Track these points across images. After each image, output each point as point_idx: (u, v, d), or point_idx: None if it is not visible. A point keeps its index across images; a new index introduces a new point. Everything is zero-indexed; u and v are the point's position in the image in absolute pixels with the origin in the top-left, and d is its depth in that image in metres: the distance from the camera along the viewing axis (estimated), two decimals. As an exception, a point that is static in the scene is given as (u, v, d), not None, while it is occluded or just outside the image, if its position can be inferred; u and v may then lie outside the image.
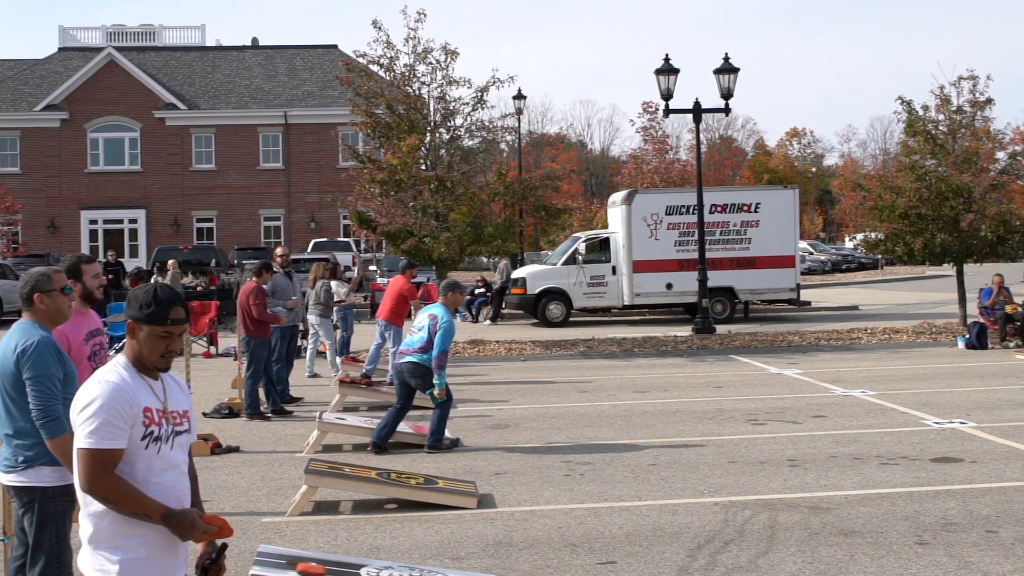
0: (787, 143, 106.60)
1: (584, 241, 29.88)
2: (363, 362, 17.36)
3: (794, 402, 14.71)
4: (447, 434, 11.80)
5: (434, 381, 11.33)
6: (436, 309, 11.71)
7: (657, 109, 44.83)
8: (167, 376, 4.24)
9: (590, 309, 30.33)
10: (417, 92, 23.01)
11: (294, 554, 6.21)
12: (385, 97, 22.81)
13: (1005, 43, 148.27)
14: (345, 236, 46.57)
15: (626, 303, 29.25)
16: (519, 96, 37.36)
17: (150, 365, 4.13)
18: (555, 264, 29.79)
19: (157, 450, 4.07)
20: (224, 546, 4.16)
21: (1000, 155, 24.50)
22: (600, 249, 29.61)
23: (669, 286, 28.80)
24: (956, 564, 7.16)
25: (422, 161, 23.12)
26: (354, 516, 8.89)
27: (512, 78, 23.54)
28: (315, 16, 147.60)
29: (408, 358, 11.54)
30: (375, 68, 23.48)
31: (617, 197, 30.61)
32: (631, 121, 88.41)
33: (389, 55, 23.01)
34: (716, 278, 27.74)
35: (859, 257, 60.47)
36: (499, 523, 8.49)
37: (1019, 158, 24.86)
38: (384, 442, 11.46)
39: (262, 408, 14.17)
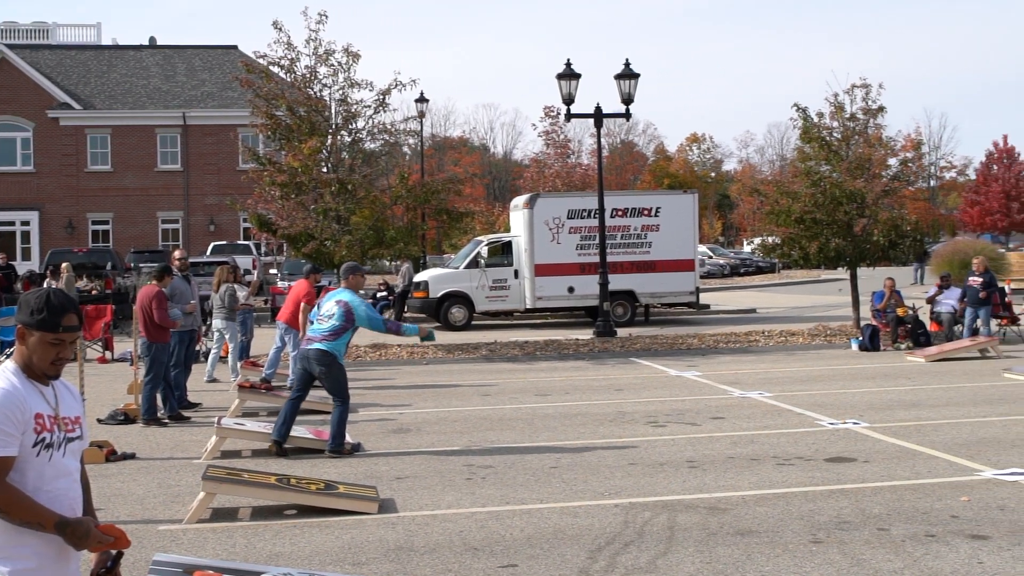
0: (687, 148, 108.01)
1: (486, 245, 29.91)
2: (263, 366, 17.16)
3: (693, 404, 14.90)
4: (348, 438, 11.72)
5: (407, 333, 11.74)
6: (342, 294, 11.66)
7: (559, 114, 45.06)
8: (58, 382, 4.14)
9: (492, 313, 30.37)
10: (318, 94, 22.85)
11: (191, 562, 6.11)
12: (286, 99, 22.60)
13: (897, 51, 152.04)
14: (245, 239, 45.98)
15: (528, 306, 29.34)
16: (421, 99, 37.30)
17: (40, 372, 4.03)
18: (457, 268, 29.78)
19: (49, 457, 3.97)
20: (119, 555, 4.08)
21: (892, 162, 25.14)
22: (502, 253, 29.67)
23: (571, 290, 28.97)
24: (849, 562, 7.31)
25: (323, 164, 22.97)
26: (253, 523, 8.78)
27: (414, 81, 23.51)
28: (214, 16, 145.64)
29: (317, 345, 11.46)
30: (276, 69, 23.26)
31: (519, 201, 30.69)
32: (533, 125, 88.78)
33: (290, 56, 22.82)
34: (617, 282, 27.98)
35: (757, 261, 61.46)
36: (400, 528, 8.45)
37: (909, 165, 25.53)
38: (284, 438, 11.36)
39: (159, 414, 13.92)
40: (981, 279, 21.39)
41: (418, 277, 30.22)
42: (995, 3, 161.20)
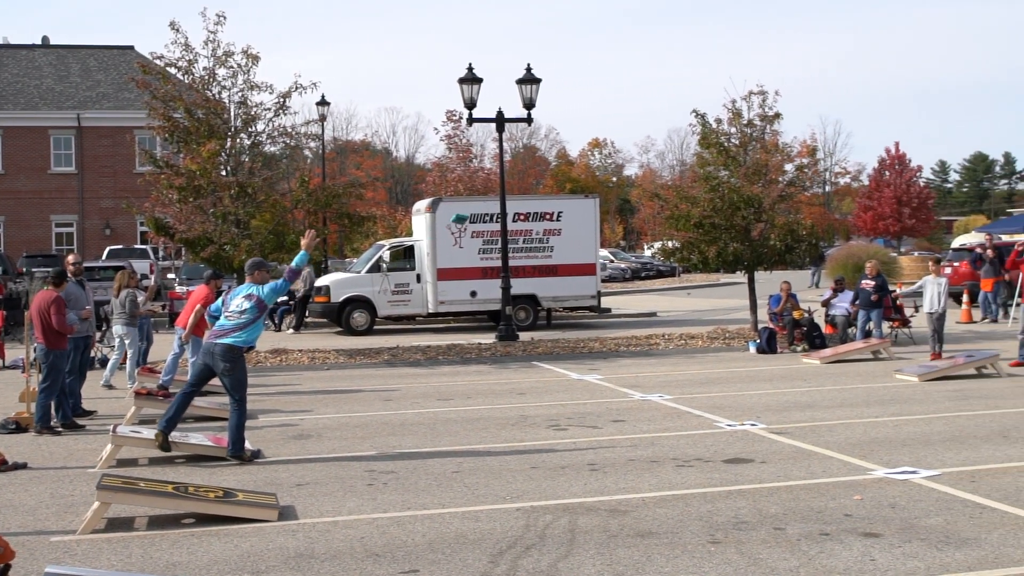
0: (589, 153, 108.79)
1: (388, 249, 29.81)
2: (160, 373, 16.88)
3: (594, 407, 15.01)
4: (248, 445, 11.59)
5: (300, 263, 11.82)
6: (250, 288, 11.61)
7: (461, 118, 45.11)
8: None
9: (395, 317, 30.26)
10: (217, 96, 22.51)
11: (84, 574, 5.99)
12: (183, 101, 22.22)
13: (793, 59, 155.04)
14: (142, 243, 45.15)
15: (431, 311, 29.31)
16: (323, 102, 37.00)
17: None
18: (359, 272, 29.61)
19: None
20: (7, 568, 3.98)
21: (788, 167, 25.58)
22: (404, 257, 29.60)
23: (473, 294, 29.00)
24: (746, 561, 7.43)
25: (222, 167, 22.63)
26: (149, 532, 8.62)
27: (315, 84, 23.27)
28: (110, 16, 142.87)
29: (224, 340, 11.33)
30: (173, 71, 22.86)
31: (421, 205, 30.65)
32: (436, 129, 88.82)
33: (188, 58, 22.43)
34: (519, 286, 28.09)
35: (657, 265, 62.10)
36: (300, 535, 8.38)
37: (805, 170, 26.03)
38: (171, 430, 11.19)
39: (52, 422, 13.60)
40: (873, 282, 21.89)
41: (320, 282, 30.00)
42: (888, 14, 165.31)
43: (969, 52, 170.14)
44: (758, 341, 22.31)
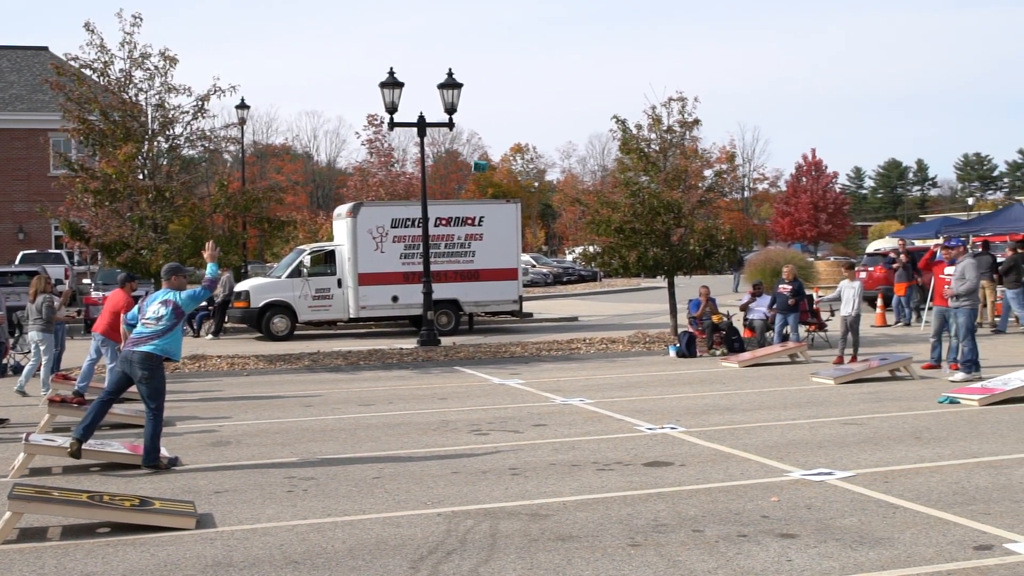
0: (511, 158, 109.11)
1: (309, 253, 29.64)
2: (75, 380, 16.58)
3: (516, 412, 15.03)
4: (165, 452, 11.42)
5: (212, 274, 11.75)
6: (168, 294, 11.46)
7: (382, 122, 44.96)
8: None
9: (316, 322, 30.09)
10: (134, 99, 22.18)
11: (-6, 585, 5.86)
12: (99, 103, 21.87)
13: (713, 66, 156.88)
14: (57, 248, 44.32)
15: (352, 316, 29.18)
16: (242, 106, 36.63)
17: None
18: (280, 277, 29.40)
19: None
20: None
21: (707, 173, 25.87)
22: (326, 262, 29.45)
23: (395, 299, 28.93)
24: (666, 563, 7.49)
25: (139, 170, 22.30)
26: (63, 542, 8.46)
27: (234, 87, 23.03)
28: (23, 16, 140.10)
29: (143, 347, 11.16)
30: (88, 72, 22.48)
31: (343, 210, 30.51)
32: (357, 134, 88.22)
33: (103, 59, 22.08)
34: (441, 291, 28.09)
35: (579, 270, 62.47)
36: (219, 543, 8.28)
37: (724, 176, 26.33)
38: (86, 438, 11.00)
39: (-38, 431, 13.30)
40: (790, 287, 22.20)
41: (239, 287, 29.72)
42: (805, 23, 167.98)
43: (883, 62, 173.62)
44: (678, 345, 22.51)
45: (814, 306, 24.01)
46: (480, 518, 8.85)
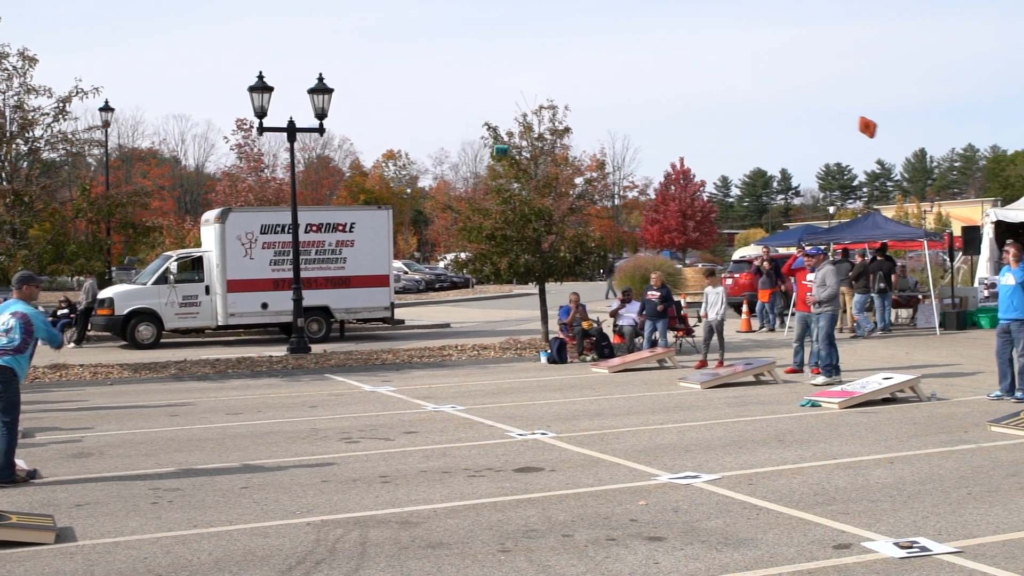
0: (383, 164, 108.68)
1: (176, 260, 29.06)
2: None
3: (387, 419, 14.96)
4: (22, 465, 11.07)
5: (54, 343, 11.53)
6: (17, 305, 11.10)
7: (252, 127, 44.34)
8: None
9: (183, 330, 29.51)
10: (-10, 100, 21.51)
11: None
12: (-47, 104, 21.15)
13: (584, 75, 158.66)
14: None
15: (220, 323, 28.72)
16: (106, 108, 35.75)
17: None
18: (145, 283, 28.76)
19: None
20: None
21: (578, 181, 26.13)
22: (193, 268, 28.92)
23: (265, 306, 28.56)
24: (536, 568, 7.53)
25: (-3, 174, 21.62)
26: (-87, 560, 8.14)
27: (97, 89, 22.45)
28: None
29: None
30: (-59, 72, 21.70)
31: (211, 215, 30.00)
32: (226, 138, 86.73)
33: (-43, 59, 21.36)
34: (312, 297, 27.83)
35: (451, 276, 62.43)
36: (79, 558, 8.05)
37: (594, 184, 26.64)
38: None
39: None
40: (659, 293, 22.54)
41: (103, 294, 28.98)
42: (671, 35, 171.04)
43: (750, 73, 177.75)
44: (549, 351, 22.68)
45: (682, 312, 24.41)
46: (350, 527, 8.78)
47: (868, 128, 19.78)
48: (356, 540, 8.37)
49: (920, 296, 29.24)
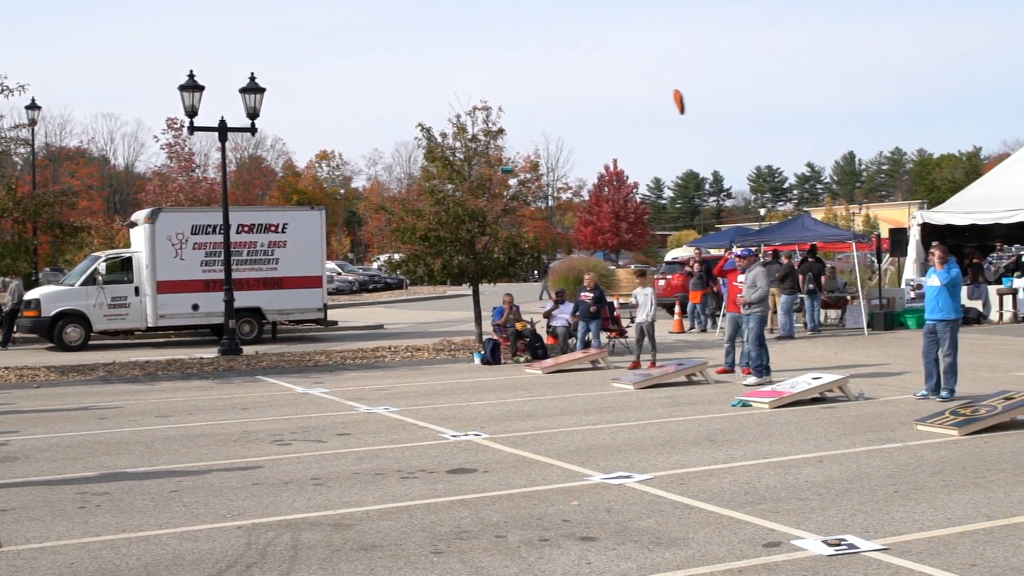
0: (317, 165, 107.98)
1: (105, 261, 28.66)
2: None
3: (320, 421, 14.87)
4: (-55, 470, 10.86)
5: None
6: None
7: (182, 126, 43.85)
8: None
9: (112, 332, 29.11)
10: (-89, 98, 21.06)
11: None
12: None
13: (517, 76, 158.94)
14: None
15: (150, 325, 28.39)
16: (33, 106, 35.17)
17: None
18: (73, 285, 28.32)
19: None
20: None
21: (512, 182, 26.17)
22: (122, 269, 28.56)
23: (196, 307, 28.27)
24: (468, 570, 7.52)
25: (-82, 173, 21.19)
26: None
27: (23, 86, 22.11)
28: None
29: None
30: None
31: (140, 215, 29.63)
32: (156, 137, 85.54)
33: None
34: (243, 299, 27.59)
35: (385, 277, 62.24)
36: (3, 564, 7.90)
37: (528, 185, 26.70)
38: None
39: None
40: (592, 294, 22.63)
41: (29, 295, 28.50)
42: (607, 37, 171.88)
43: (681, 76, 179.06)
44: (482, 352, 22.68)
45: (615, 313, 24.54)
46: (281, 530, 8.72)
47: (679, 103, 19.98)
48: (287, 543, 8.30)
49: (849, 297, 29.64)
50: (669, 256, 50.56)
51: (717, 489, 9.90)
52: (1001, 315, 29.01)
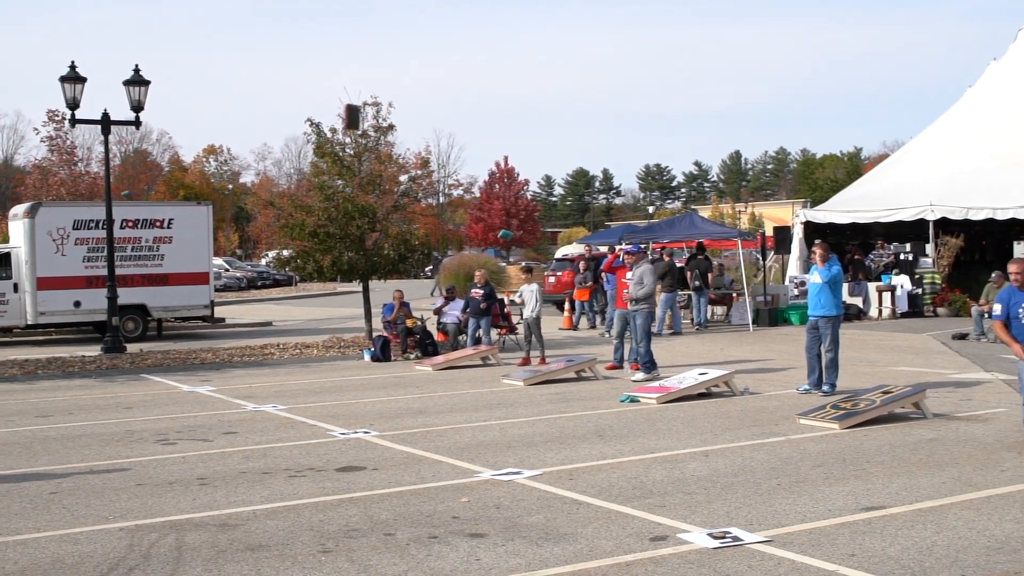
0: (204, 159, 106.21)
1: (-19, 256, 27.82)
2: None
3: (206, 420, 14.64)
4: None
5: None
6: None
7: (64, 118, 42.80)
8: None
9: (-11, 329, 28.28)
10: None
11: None
12: None
13: (408, 72, 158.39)
14: None
15: (30, 322, 27.67)
16: (-95, 96, 34.00)
17: None
18: (-53, 281, 27.45)
19: None
20: None
21: (402, 178, 26.12)
22: (0, 265, 27.73)
23: (77, 304, 27.62)
24: (357, 568, 7.47)
25: None
26: None
27: None
28: None
29: None
30: None
31: (19, 210, 28.85)
32: (36, 130, 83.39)
33: None
34: (127, 295, 27.05)
35: (274, 274, 61.57)
36: None
37: (419, 181, 26.64)
38: None
39: None
40: (482, 291, 22.67)
41: (-101, 292, 27.53)
42: (497, 33, 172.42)
43: (572, 75, 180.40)
44: (372, 349, 22.57)
45: (505, 310, 24.61)
46: (165, 531, 8.55)
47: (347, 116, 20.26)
48: (172, 544, 8.16)
49: (735, 294, 30.18)
50: (559, 253, 50.88)
51: (605, 484, 9.99)
52: (880, 311, 29.82)
